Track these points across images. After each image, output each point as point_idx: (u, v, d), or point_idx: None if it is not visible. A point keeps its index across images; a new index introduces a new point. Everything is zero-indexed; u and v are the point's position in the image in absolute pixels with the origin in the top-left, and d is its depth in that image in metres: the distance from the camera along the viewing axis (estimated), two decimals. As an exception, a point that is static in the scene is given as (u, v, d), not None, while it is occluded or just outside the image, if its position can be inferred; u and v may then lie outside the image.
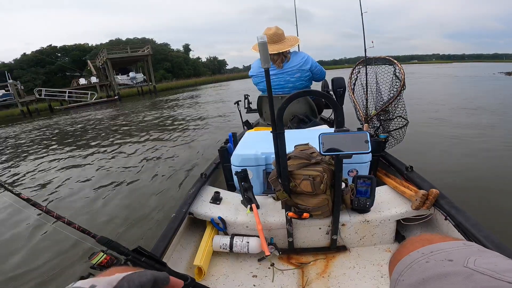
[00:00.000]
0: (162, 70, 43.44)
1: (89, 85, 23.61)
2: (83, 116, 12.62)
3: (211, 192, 1.48)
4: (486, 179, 2.76)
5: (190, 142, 5.46)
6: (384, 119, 1.77)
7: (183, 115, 9.04)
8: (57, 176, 4.23)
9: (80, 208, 3.01)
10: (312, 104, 2.21)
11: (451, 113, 6.24)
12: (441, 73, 22.20)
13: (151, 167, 4.14)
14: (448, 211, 1.12)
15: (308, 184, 1.10)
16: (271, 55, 2.03)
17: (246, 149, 1.49)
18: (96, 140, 6.68)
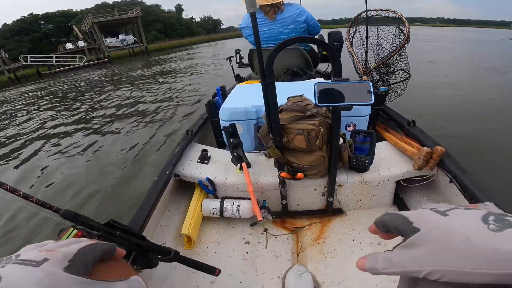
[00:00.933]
0: (154, 31, 41.79)
1: (77, 49, 22.75)
2: (73, 79, 12.25)
3: (199, 150, 1.35)
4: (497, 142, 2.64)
5: (179, 97, 5.38)
6: (384, 72, 1.63)
7: (175, 72, 8.94)
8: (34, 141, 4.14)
9: (64, 171, 2.95)
10: (307, 56, 2.04)
11: (461, 75, 5.85)
12: (447, 36, 20.91)
13: (134, 126, 4.10)
14: (454, 172, 0.99)
15: (302, 139, 0.97)
16: (263, 6, 1.91)
17: (236, 103, 1.34)
18: (81, 101, 6.55)
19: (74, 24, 30.16)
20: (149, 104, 5.24)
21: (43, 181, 2.79)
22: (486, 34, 25.07)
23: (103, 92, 7.13)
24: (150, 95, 6.02)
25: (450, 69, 6.42)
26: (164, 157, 1.31)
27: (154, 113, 4.56)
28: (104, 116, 4.91)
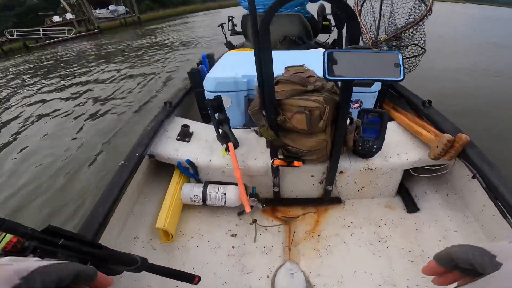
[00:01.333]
0: (147, 0, 39.76)
1: (65, 21, 21.80)
2: (59, 51, 11.88)
3: (179, 125, 1.15)
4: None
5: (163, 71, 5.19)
6: (396, 46, 1.44)
7: (165, 42, 8.63)
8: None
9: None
10: (307, 24, 1.83)
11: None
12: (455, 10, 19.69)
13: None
14: (479, 166, 0.81)
15: (302, 119, 0.79)
16: None
17: (223, 71, 1.14)
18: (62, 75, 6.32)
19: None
20: (130, 81, 5.05)
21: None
22: (496, 10, 24.01)
23: (87, 66, 6.91)
24: (136, 70, 5.80)
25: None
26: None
27: (135, 90, 4.39)
28: (81, 93, 4.72)
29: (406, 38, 1.43)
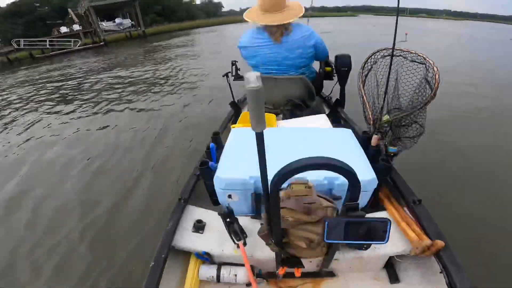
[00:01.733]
0: (153, 14, 40.74)
1: (72, 33, 22.29)
2: (65, 65, 11.90)
3: (193, 215, 1.28)
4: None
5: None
6: (396, 125, 1.45)
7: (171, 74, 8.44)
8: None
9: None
10: (310, 86, 1.87)
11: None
12: (450, 33, 19.21)
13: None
14: (446, 265, 0.98)
15: (303, 244, 0.88)
16: (269, 27, 1.71)
17: (231, 169, 1.19)
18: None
19: (70, 7, 29.35)
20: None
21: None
22: (493, 31, 23.46)
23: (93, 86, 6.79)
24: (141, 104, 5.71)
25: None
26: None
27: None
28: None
29: (409, 119, 1.44)
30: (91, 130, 3.91)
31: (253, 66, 1.95)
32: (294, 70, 1.84)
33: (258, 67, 1.86)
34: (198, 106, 4.41)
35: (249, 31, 1.85)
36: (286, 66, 1.82)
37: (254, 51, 1.82)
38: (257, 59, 1.84)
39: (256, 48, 1.80)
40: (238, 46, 1.90)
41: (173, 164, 2.78)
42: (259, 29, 1.77)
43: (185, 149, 3.06)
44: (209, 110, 4.09)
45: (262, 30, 1.75)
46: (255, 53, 1.82)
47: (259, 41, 1.76)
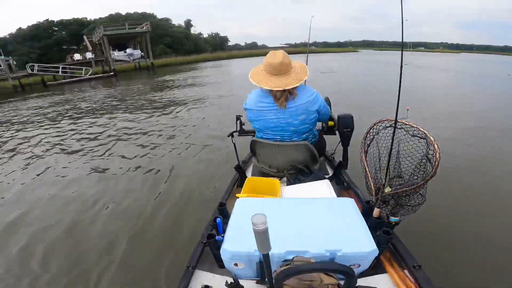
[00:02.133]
0: (162, 45, 42.34)
1: (84, 60, 23.07)
2: (75, 95, 12.12)
3: (201, 280, 1.30)
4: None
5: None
6: (398, 196, 1.48)
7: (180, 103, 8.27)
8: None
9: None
10: (313, 151, 1.88)
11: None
12: (450, 68, 19.51)
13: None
14: None
15: None
16: (273, 91, 1.68)
17: (237, 241, 1.23)
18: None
19: (86, 34, 30.57)
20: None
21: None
22: (490, 64, 23.88)
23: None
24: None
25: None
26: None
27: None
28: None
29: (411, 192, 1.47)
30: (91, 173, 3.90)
31: (257, 130, 1.94)
32: (297, 136, 1.84)
33: (262, 131, 1.86)
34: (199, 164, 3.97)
35: (254, 93, 1.83)
36: (289, 132, 1.82)
37: (259, 114, 1.80)
38: (261, 123, 1.83)
39: (261, 112, 1.78)
40: (244, 107, 1.88)
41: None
42: (263, 91, 1.74)
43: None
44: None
45: (267, 93, 1.73)
46: (259, 117, 1.80)
47: (264, 105, 1.74)
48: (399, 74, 1.36)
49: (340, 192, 1.95)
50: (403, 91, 1.35)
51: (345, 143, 2.09)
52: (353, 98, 7.71)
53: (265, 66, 1.69)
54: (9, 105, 11.27)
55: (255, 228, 0.67)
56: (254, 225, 0.67)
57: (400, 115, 1.41)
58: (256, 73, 1.75)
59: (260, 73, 1.73)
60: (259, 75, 1.72)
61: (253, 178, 1.78)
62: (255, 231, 0.68)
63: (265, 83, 1.66)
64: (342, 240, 1.11)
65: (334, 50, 68.58)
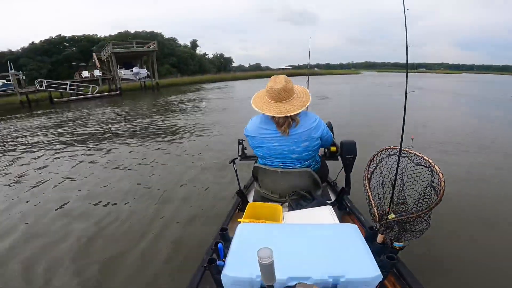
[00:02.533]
0: (168, 65, 43.38)
1: (92, 78, 23.57)
2: (82, 113, 12.30)
3: None
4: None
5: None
6: (403, 222, 1.48)
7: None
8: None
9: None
10: (317, 178, 1.87)
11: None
12: (453, 91, 19.47)
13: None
14: None
15: None
16: (276, 117, 1.66)
17: (238, 267, 1.21)
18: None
19: (95, 51, 31.24)
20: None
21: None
22: (492, 85, 24.00)
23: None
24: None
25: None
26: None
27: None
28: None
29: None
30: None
31: (259, 156, 1.90)
32: (300, 163, 1.82)
33: (265, 158, 1.84)
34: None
35: (256, 119, 1.79)
36: (292, 160, 1.79)
37: (261, 141, 1.76)
38: (264, 150, 1.80)
39: (263, 139, 1.74)
40: (245, 134, 1.84)
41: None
42: (266, 118, 1.71)
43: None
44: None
45: (269, 119, 1.70)
46: (262, 144, 1.77)
47: (266, 132, 1.71)
48: (403, 100, 1.38)
49: (343, 218, 1.94)
50: (408, 117, 1.38)
51: (348, 169, 2.07)
52: (356, 123, 7.74)
53: (267, 92, 1.67)
54: (11, 121, 11.43)
55: (261, 261, 0.68)
56: (260, 258, 0.68)
57: (405, 144, 1.42)
58: (259, 98, 1.74)
59: (262, 98, 1.71)
60: (262, 101, 1.70)
61: (254, 204, 1.77)
62: (261, 264, 0.68)
63: (267, 109, 1.64)
64: (346, 265, 1.10)
65: (337, 72, 68.72)
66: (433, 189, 1.37)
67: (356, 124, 7.64)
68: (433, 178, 1.37)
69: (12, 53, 36.87)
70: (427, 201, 1.39)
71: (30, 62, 34.88)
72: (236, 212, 2.02)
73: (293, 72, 28.57)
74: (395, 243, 1.46)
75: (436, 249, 2.45)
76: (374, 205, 1.61)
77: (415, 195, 1.46)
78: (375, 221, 1.56)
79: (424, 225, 1.46)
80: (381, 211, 1.58)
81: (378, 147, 1.64)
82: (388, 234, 1.50)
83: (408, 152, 1.48)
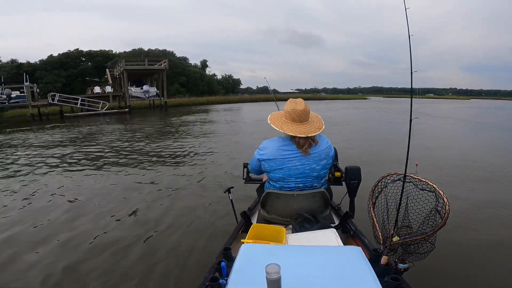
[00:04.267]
0: (177, 84, 43.94)
1: (103, 94, 24.05)
2: (90, 130, 12.47)
3: None
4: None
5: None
6: (407, 244, 1.49)
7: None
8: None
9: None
10: (328, 199, 1.89)
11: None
12: (459, 119, 18.30)
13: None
14: None
15: None
16: (297, 138, 1.71)
17: (241, 286, 1.19)
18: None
19: (108, 67, 31.89)
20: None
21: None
22: (502, 112, 23.62)
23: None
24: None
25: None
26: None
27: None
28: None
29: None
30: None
31: (276, 180, 1.85)
32: (318, 182, 1.85)
33: (285, 179, 1.81)
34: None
35: (272, 143, 1.79)
36: (312, 178, 1.81)
37: (282, 163, 1.76)
38: (284, 172, 1.78)
39: (284, 160, 1.74)
40: (261, 158, 1.81)
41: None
42: (284, 140, 1.75)
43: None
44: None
45: (288, 141, 1.73)
46: (282, 166, 1.76)
47: (287, 153, 1.72)
48: (408, 127, 1.41)
49: (346, 241, 1.92)
50: (415, 144, 1.40)
51: (352, 194, 2.08)
52: (361, 149, 7.71)
53: (288, 113, 1.73)
54: (18, 134, 11.54)
55: (268, 277, 0.69)
56: (268, 274, 0.68)
57: (409, 170, 1.45)
58: (276, 119, 1.79)
59: (279, 119, 1.77)
60: (280, 121, 1.75)
61: (258, 225, 1.77)
62: (269, 280, 0.69)
63: (289, 129, 1.70)
64: (350, 287, 1.09)
65: (344, 97, 70.88)
66: (438, 212, 1.40)
67: (361, 149, 7.64)
68: (438, 202, 1.39)
69: (30, 65, 37.75)
70: (432, 224, 1.41)
71: (46, 75, 35.70)
72: (240, 233, 2.01)
73: (301, 96, 28.76)
74: (399, 264, 1.46)
75: (440, 270, 2.41)
76: (378, 228, 1.61)
77: (420, 219, 1.49)
78: (380, 244, 1.56)
79: (429, 247, 1.48)
80: (386, 233, 1.59)
81: (382, 172, 1.67)
82: (392, 256, 1.50)
83: (413, 178, 1.51)
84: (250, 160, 1.98)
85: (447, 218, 1.33)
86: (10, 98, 18.72)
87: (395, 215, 1.51)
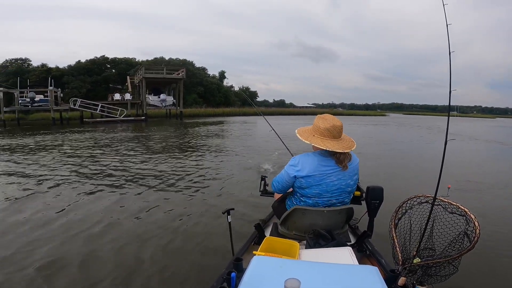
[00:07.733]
0: (195, 94, 44.47)
1: (122, 101, 24.68)
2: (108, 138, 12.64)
3: None
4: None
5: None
6: (428, 266, 1.42)
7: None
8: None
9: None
10: (352, 216, 1.89)
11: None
12: (491, 139, 16.64)
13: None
14: None
15: None
16: (337, 153, 1.68)
17: None
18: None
19: (130, 75, 32.54)
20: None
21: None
22: None
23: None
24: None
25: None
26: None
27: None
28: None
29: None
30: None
31: (311, 196, 1.80)
32: (348, 198, 1.84)
33: (320, 195, 1.77)
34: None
35: (309, 158, 1.75)
36: (345, 194, 1.80)
37: (320, 179, 1.73)
38: (322, 188, 1.75)
39: (323, 176, 1.72)
40: (297, 175, 1.76)
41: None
42: (321, 155, 1.72)
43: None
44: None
45: (326, 156, 1.71)
46: (320, 181, 1.73)
47: (327, 169, 1.71)
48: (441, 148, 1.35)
49: (362, 260, 1.84)
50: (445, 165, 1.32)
51: (372, 214, 2.02)
52: (385, 169, 7.16)
53: (328, 130, 1.70)
54: (38, 137, 11.90)
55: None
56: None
57: (440, 192, 1.40)
58: (309, 136, 1.75)
59: (311, 135, 1.75)
60: (317, 139, 1.72)
61: (271, 238, 1.72)
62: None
63: (332, 146, 1.67)
64: (366, 307, 1.02)
65: (362, 113, 65.06)
66: (467, 236, 1.34)
67: (386, 169, 7.11)
68: (468, 226, 1.34)
69: (58, 70, 39.18)
70: (458, 247, 1.35)
71: (73, 80, 36.98)
72: (252, 245, 1.96)
73: (317, 111, 28.52)
74: (417, 286, 1.38)
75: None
76: (398, 249, 1.54)
77: (445, 241, 1.42)
78: (398, 264, 1.49)
79: (451, 270, 1.41)
80: (406, 255, 1.51)
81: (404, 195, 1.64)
82: (410, 278, 1.43)
83: (442, 201, 1.46)
84: (278, 177, 1.90)
85: (476, 241, 1.27)
86: (33, 102, 19.49)
87: (420, 237, 1.44)
